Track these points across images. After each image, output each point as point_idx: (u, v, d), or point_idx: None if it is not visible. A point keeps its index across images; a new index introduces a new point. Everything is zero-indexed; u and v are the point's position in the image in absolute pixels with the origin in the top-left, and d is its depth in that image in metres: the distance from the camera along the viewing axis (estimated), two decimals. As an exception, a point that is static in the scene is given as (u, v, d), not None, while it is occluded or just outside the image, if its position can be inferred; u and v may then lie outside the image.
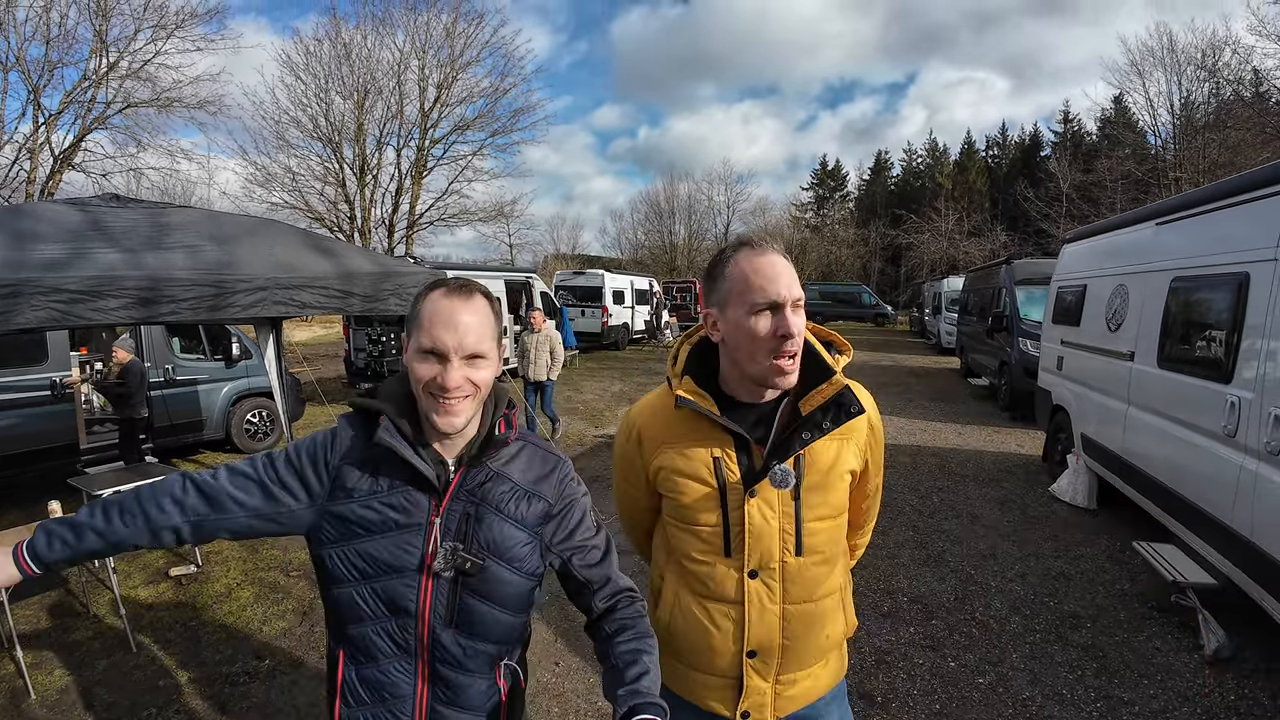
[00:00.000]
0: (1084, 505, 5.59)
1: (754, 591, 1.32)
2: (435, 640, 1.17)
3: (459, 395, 1.10)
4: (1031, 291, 9.67)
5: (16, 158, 16.76)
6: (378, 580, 1.15)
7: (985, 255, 34.59)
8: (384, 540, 1.15)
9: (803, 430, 1.26)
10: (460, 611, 1.18)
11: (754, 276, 1.20)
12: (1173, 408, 4.06)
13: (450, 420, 1.12)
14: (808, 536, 1.31)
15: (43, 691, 3.17)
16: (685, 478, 1.33)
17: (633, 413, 1.48)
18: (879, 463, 1.45)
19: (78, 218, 3.20)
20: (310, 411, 9.27)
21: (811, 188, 56.16)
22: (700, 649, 1.37)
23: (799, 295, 1.22)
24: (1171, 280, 4.24)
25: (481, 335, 1.12)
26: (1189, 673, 3.26)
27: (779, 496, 1.29)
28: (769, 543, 1.30)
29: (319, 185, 24.80)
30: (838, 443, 1.32)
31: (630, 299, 21.16)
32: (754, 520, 1.29)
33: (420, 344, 1.10)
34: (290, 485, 1.19)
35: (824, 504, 1.32)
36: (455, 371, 1.09)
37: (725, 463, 1.30)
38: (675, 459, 1.34)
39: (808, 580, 1.33)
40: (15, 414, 5.73)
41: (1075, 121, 44.24)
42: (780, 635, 1.33)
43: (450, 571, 1.16)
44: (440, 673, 1.19)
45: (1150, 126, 30.00)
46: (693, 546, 1.36)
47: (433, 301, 1.12)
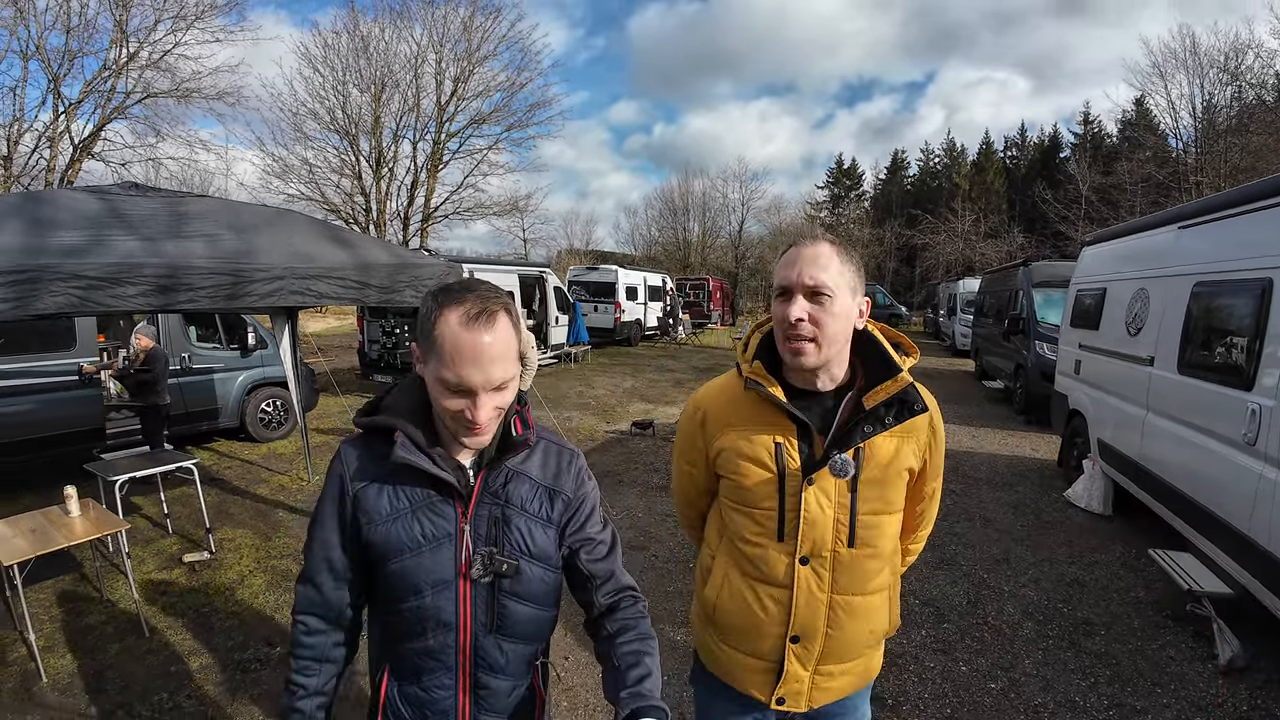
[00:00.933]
0: (1099, 511, 5.53)
1: (804, 578, 1.35)
2: (477, 648, 1.18)
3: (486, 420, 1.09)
4: (1049, 294, 9.56)
5: (36, 146, 16.96)
6: (415, 598, 1.15)
7: (1002, 257, 34.28)
8: (417, 558, 1.14)
9: (865, 423, 1.30)
10: (500, 615, 1.18)
11: (779, 265, 1.31)
12: (1192, 414, 4.00)
13: (481, 440, 1.14)
14: (861, 529, 1.34)
15: (55, 675, 3.20)
16: (746, 460, 1.36)
17: (699, 395, 1.52)
18: (938, 466, 1.45)
19: (97, 205, 3.22)
20: (324, 402, 9.34)
21: (827, 186, 55.90)
22: (744, 629, 1.41)
23: (815, 282, 1.25)
24: (1193, 285, 4.18)
25: (507, 363, 1.08)
26: (1202, 682, 3.22)
27: (836, 486, 1.32)
28: (823, 531, 1.33)
29: (335, 177, 24.96)
30: (898, 440, 1.34)
31: (643, 295, 21.13)
32: (810, 508, 1.32)
33: (444, 378, 1.05)
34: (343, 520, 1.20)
35: (880, 499, 1.35)
36: (485, 405, 1.07)
37: (787, 449, 1.33)
38: (738, 441, 1.38)
39: (858, 572, 1.36)
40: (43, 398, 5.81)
41: (1095, 123, 43.75)
42: (825, 624, 1.36)
43: (489, 577, 1.16)
44: (481, 681, 1.19)
45: (1172, 129, 29.62)
46: (747, 529, 1.39)
47: (453, 333, 1.04)
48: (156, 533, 5.04)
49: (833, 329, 1.26)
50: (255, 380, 7.84)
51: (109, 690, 3.09)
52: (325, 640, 1.23)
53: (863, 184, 55.49)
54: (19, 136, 16.60)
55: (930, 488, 1.47)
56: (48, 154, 16.99)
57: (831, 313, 1.25)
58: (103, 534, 3.45)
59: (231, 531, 5.10)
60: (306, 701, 1.21)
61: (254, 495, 6.02)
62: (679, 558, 4.63)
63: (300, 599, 1.23)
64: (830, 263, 1.26)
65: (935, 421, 1.40)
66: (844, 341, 1.31)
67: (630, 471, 6.83)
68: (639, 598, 1.30)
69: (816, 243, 1.29)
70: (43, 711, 2.93)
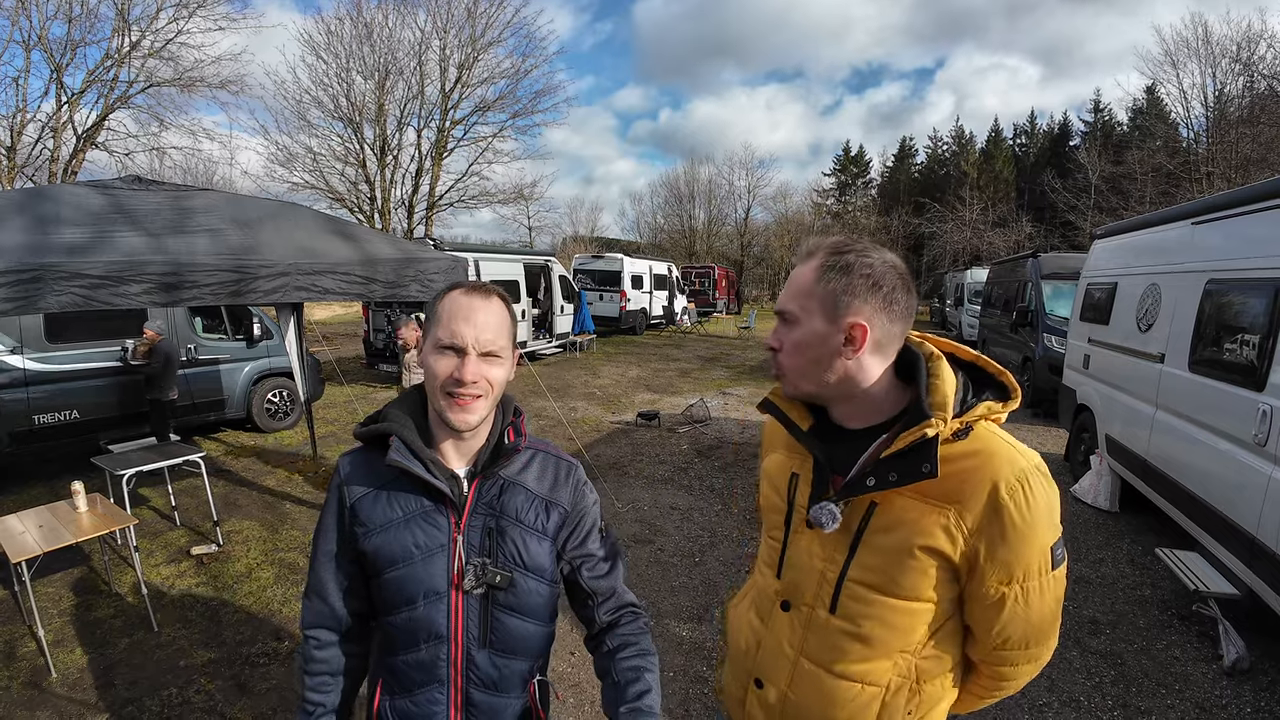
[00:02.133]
0: (1106, 508, 5.50)
1: (779, 624, 1.21)
2: (470, 663, 1.17)
3: (475, 392, 1.10)
4: (1059, 286, 9.49)
5: (40, 136, 16.91)
6: (409, 608, 1.15)
7: (1010, 246, 34.06)
8: (410, 568, 1.14)
9: (871, 475, 1.06)
10: (494, 629, 1.17)
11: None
12: (1202, 413, 3.97)
13: (465, 417, 1.12)
14: (848, 598, 1.11)
15: (64, 670, 3.23)
16: (770, 485, 1.29)
17: None
18: (1007, 567, 1.02)
19: (100, 200, 3.21)
20: (330, 391, 9.36)
21: (834, 174, 55.50)
22: (735, 653, 1.34)
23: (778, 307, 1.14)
24: (1206, 282, 4.13)
25: (498, 332, 1.13)
26: (1207, 683, 3.21)
27: (832, 539, 1.12)
28: (804, 580, 1.17)
29: (340, 165, 24.85)
30: (925, 506, 1.04)
31: (649, 284, 21.08)
32: (797, 551, 1.18)
33: (439, 339, 1.11)
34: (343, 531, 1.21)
35: (879, 571, 1.08)
36: (472, 365, 1.09)
37: (800, 483, 1.20)
38: (771, 465, 1.30)
39: (831, 646, 1.13)
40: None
41: (1106, 111, 43.36)
42: (786, 682, 1.19)
43: (481, 589, 1.15)
44: (474, 698, 1.18)
45: (1183, 119, 29.26)
46: (763, 554, 1.31)
47: (452, 299, 1.13)
48: (164, 525, 5.07)
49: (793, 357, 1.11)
50: (261, 371, 7.87)
51: (118, 685, 3.12)
52: (337, 653, 1.23)
53: (870, 172, 55.12)
54: (22, 127, 16.57)
55: (992, 590, 1.04)
56: (51, 144, 16.96)
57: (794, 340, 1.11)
58: (110, 529, 3.47)
59: (239, 523, 5.13)
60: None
61: (261, 486, 6.05)
62: (685, 551, 4.63)
63: (308, 613, 1.23)
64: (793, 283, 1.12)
65: (1004, 496, 0.99)
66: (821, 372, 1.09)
67: (636, 463, 6.83)
68: (640, 613, 1.30)
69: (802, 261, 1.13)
70: (52, 706, 2.95)
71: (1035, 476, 1.02)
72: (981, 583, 1.04)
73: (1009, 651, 1.11)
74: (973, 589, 1.06)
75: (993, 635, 1.09)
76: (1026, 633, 1.08)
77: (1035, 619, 1.07)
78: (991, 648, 1.11)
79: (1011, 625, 1.06)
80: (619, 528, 5.05)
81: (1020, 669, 1.16)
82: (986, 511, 1.00)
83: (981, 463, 1.02)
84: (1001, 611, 1.05)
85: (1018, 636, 1.08)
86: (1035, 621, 1.07)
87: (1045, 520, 1.02)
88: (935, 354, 1.11)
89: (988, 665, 1.16)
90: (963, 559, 1.03)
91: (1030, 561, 1.02)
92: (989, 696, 1.22)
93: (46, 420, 5.78)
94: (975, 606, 1.08)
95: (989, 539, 1.01)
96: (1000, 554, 1.01)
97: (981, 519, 1.01)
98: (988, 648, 1.12)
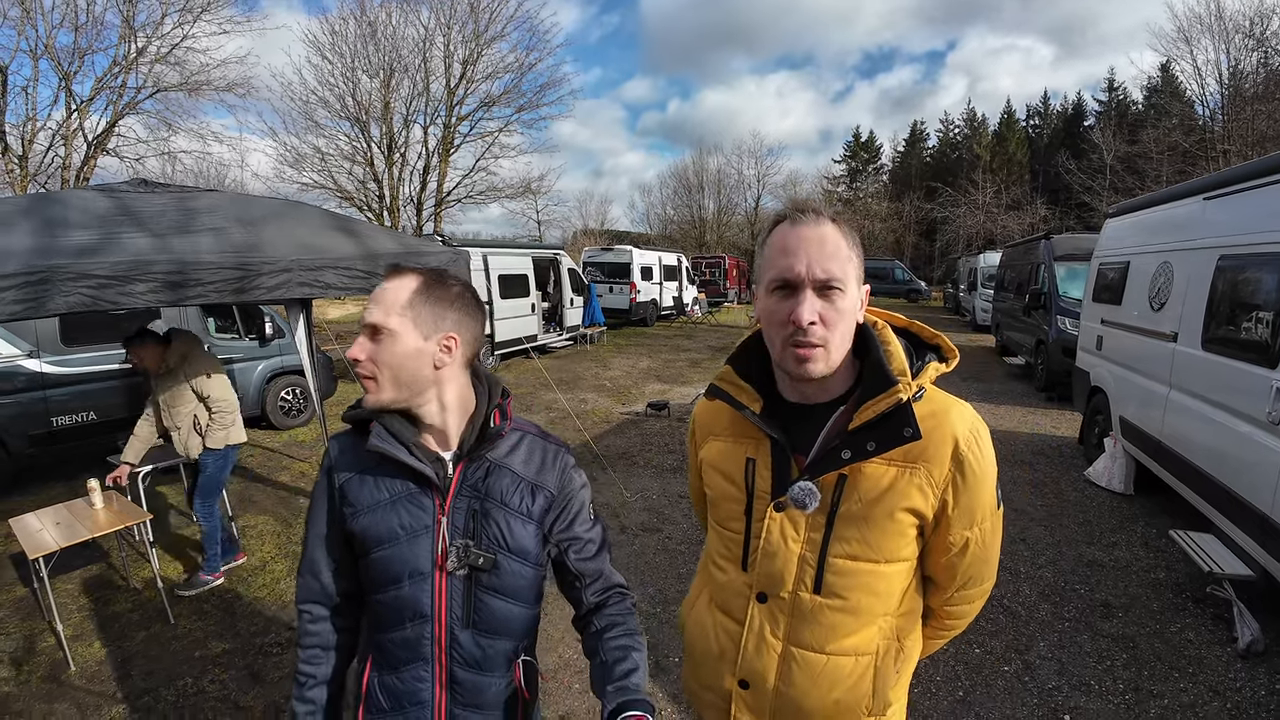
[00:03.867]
0: (1120, 490, 5.45)
1: (757, 617, 1.16)
2: (454, 642, 1.18)
3: (362, 372, 1.15)
4: (1072, 268, 9.37)
5: (51, 144, 17.09)
6: (395, 587, 1.17)
7: (1024, 229, 33.63)
8: (395, 549, 1.17)
9: (844, 448, 1.06)
10: (477, 610, 1.19)
11: (776, 253, 1.04)
12: (1215, 392, 3.91)
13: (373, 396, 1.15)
14: (831, 574, 1.10)
15: (82, 663, 3.29)
16: (718, 475, 1.23)
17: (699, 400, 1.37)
18: (969, 512, 1.09)
19: (106, 203, 3.25)
20: (342, 388, 9.43)
21: (844, 160, 55.06)
22: (702, 657, 1.27)
23: (828, 274, 1.00)
24: (1218, 258, 4.06)
25: (386, 310, 1.14)
26: (1220, 666, 3.18)
27: (807, 519, 1.10)
28: (782, 568, 1.12)
29: (348, 165, 24.91)
30: (898, 470, 1.07)
31: (659, 275, 21.03)
32: (771, 538, 1.13)
33: None
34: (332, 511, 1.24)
35: (860, 540, 1.09)
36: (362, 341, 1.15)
37: (758, 467, 1.15)
38: (715, 453, 1.24)
39: (822, 625, 1.12)
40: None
41: (1120, 90, 42.65)
42: (775, 676, 1.15)
43: (464, 570, 1.17)
44: (458, 676, 1.20)
45: (1198, 96, 28.69)
46: (717, 549, 1.25)
47: None
48: (181, 520, 5.15)
49: (843, 329, 1.04)
50: (274, 369, 7.95)
51: (134, 676, 3.18)
52: (329, 627, 1.26)
53: (880, 157, 54.62)
54: (33, 135, 16.74)
55: (957, 537, 1.11)
56: (63, 152, 17.13)
57: (840, 309, 1.03)
58: (125, 525, 3.53)
59: (254, 518, 5.20)
60: (317, 690, 1.25)
61: (275, 482, 6.13)
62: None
63: (301, 589, 1.27)
64: (839, 248, 1.02)
65: (964, 450, 1.06)
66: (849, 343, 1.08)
67: (645, 453, 6.84)
68: (627, 594, 1.32)
69: (820, 221, 1.03)
70: (71, 699, 3.02)
71: (981, 426, 1.10)
72: (948, 532, 1.11)
73: (968, 590, 1.20)
74: (938, 540, 1.13)
75: (957, 580, 1.17)
76: (983, 571, 1.18)
77: (990, 557, 1.17)
78: (955, 590, 1.20)
79: (973, 567, 1.16)
80: (628, 516, 5.07)
81: (974, 605, 1.25)
82: (952, 465, 1.06)
83: (939, 421, 1.07)
84: (965, 556, 1.13)
85: (976, 576, 1.18)
86: (989, 559, 1.18)
87: (991, 465, 1.10)
88: (881, 324, 1.15)
89: (947, 608, 1.24)
90: (933, 514, 1.09)
91: (986, 504, 1.11)
92: (944, 637, 1.31)
93: (64, 422, 5.88)
94: (940, 556, 1.15)
95: (954, 490, 1.07)
96: (964, 502, 1.08)
97: (948, 473, 1.06)
98: (950, 592, 1.20)
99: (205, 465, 3.98)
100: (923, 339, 1.18)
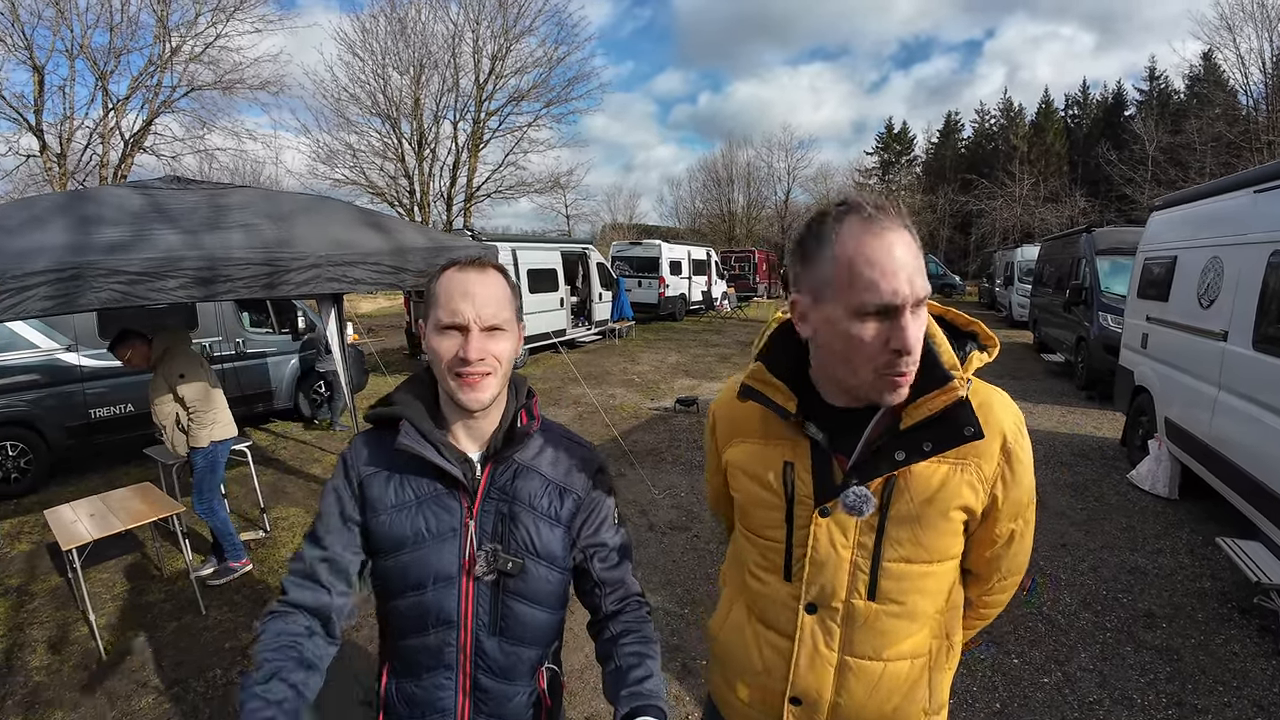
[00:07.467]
0: (1164, 494, 5.25)
1: (809, 630, 1.09)
2: (479, 649, 1.15)
3: (482, 369, 1.08)
4: (1116, 262, 9.06)
5: (88, 142, 17.57)
6: (418, 592, 1.13)
7: (1063, 222, 32.80)
8: (420, 552, 1.13)
9: (896, 449, 0.99)
10: (504, 616, 1.15)
11: (864, 267, 0.88)
12: (1267, 394, 3.73)
13: (477, 395, 1.09)
14: (886, 579, 1.05)
15: (114, 653, 3.36)
16: (751, 480, 1.13)
17: (719, 394, 1.28)
18: (1016, 504, 1.06)
19: (139, 200, 3.29)
20: (373, 382, 9.54)
21: (876, 152, 54.18)
22: (744, 674, 1.19)
23: (923, 291, 0.90)
24: (1271, 254, 3.87)
25: (500, 305, 1.10)
26: (1266, 680, 3.03)
27: (857, 524, 1.04)
28: (834, 576, 1.06)
29: (379, 160, 25.27)
30: (948, 468, 1.01)
31: (687, 269, 20.93)
32: (820, 546, 1.05)
33: (439, 320, 1.09)
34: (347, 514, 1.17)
35: (914, 542, 1.03)
36: (475, 341, 1.07)
37: (797, 471, 1.07)
38: (744, 456, 1.14)
39: (878, 632, 1.07)
40: None
41: (1162, 79, 41.15)
42: (832, 690, 1.09)
43: (493, 575, 1.13)
44: (483, 684, 1.16)
45: (1241, 86, 27.73)
46: (753, 559, 1.16)
47: (448, 278, 1.10)
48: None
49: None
50: (307, 363, 8.06)
51: (165, 666, 3.23)
52: None
53: (914, 149, 53.58)
54: (71, 134, 17.24)
55: (1003, 531, 1.08)
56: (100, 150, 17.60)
57: (923, 323, 0.94)
58: (159, 517, 3.59)
59: (286, 510, 5.28)
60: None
61: (307, 474, 6.21)
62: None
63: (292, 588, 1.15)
64: (919, 249, 0.93)
65: (1011, 443, 1.02)
66: None
67: (674, 449, 6.79)
68: (644, 603, 1.28)
69: (902, 227, 0.90)
70: (102, 688, 3.08)
71: (1020, 415, 1.07)
72: (995, 525, 1.07)
73: (1008, 580, 1.18)
74: (984, 533, 1.09)
75: (1001, 571, 1.15)
76: (1024, 561, 1.16)
77: (1029, 546, 1.15)
78: (996, 581, 1.17)
79: (1017, 557, 1.14)
80: (656, 514, 5.03)
81: (1009, 594, 1.22)
82: (1001, 459, 1.02)
83: (986, 415, 1.01)
84: (1010, 547, 1.11)
85: (1018, 566, 1.16)
86: (1029, 547, 1.16)
87: (1030, 454, 1.07)
88: None
89: (985, 598, 1.21)
90: (982, 509, 1.05)
91: (1029, 494, 1.08)
92: (979, 627, 1.28)
93: (102, 414, 6.03)
94: (985, 549, 1.11)
95: (1004, 484, 1.03)
96: (1013, 495, 1.04)
97: (998, 467, 1.02)
98: (992, 583, 1.18)
99: (195, 464, 3.99)
100: (958, 326, 1.10)
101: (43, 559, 4.46)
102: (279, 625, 1.09)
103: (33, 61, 16.27)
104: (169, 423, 3.96)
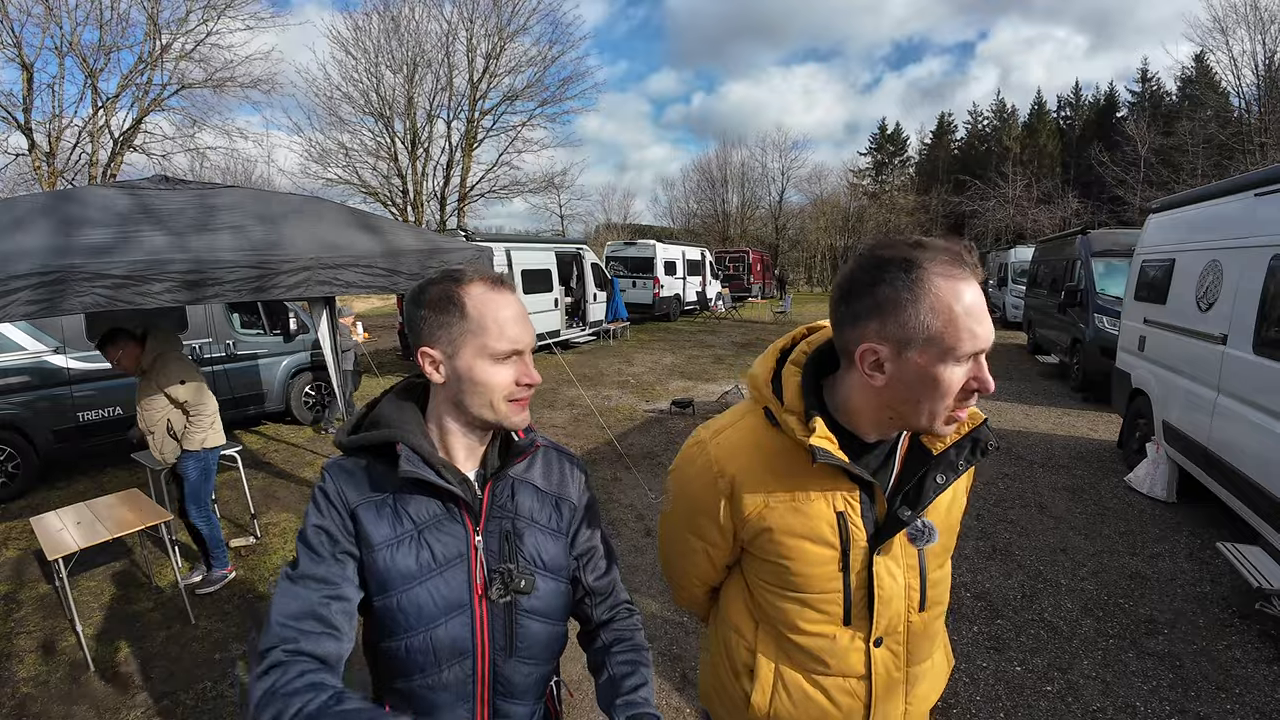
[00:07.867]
0: (1162, 498, 5.23)
1: (880, 662, 1.12)
2: (496, 674, 1.10)
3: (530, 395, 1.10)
4: (1111, 264, 9.07)
5: (78, 141, 17.39)
6: (429, 627, 1.04)
7: (1055, 223, 32.92)
8: (425, 585, 1.04)
9: (936, 472, 1.06)
10: (520, 636, 1.11)
11: (965, 316, 0.89)
12: (1267, 398, 3.71)
13: (525, 415, 1.11)
14: (931, 588, 1.14)
15: (102, 664, 3.28)
16: (801, 539, 1.07)
17: (714, 451, 1.13)
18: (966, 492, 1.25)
19: (126, 201, 3.22)
20: (366, 383, 9.47)
21: (870, 153, 54.31)
22: None
23: None
24: (1271, 258, 3.85)
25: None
26: (1268, 686, 3.01)
27: (904, 551, 1.10)
28: (898, 605, 1.11)
29: (372, 160, 25.15)
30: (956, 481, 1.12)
31: (682, 270, 20.90)
32: (884, 583, 1.08)
33: (495, 350, 1.04)
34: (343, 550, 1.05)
35: (942, 548, 1.14)
36: (531, 363, 1.09)
37: (850, 517, 1.06)
38: (788, 517, 1.07)
39: (929, 636, 1.17)
40: None
41: (1154, 81, 41.45)
42: (904, 701, 1.18)
43: (509, 596, 1.08)
44: (500, 709, 1.12)
45: (1234, 88, 27.96)
46: (802, 617, 1.11)
47: (485, 301, 1.05)
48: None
49: None
50: (299, 365, 7.98)
51: (154, 678, 3.16)
52: None
53: (907, 150, 53.74)
54: (60, 132, 17.07)
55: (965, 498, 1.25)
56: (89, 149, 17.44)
57: None
58: (147, 525, 3.51)
59: (277, 515, 5.20)
60: None
61: (299, 478, 6.13)
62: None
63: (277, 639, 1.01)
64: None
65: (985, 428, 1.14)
66: None
67: (670, 452, 6.74)
68: (634, 611, 1.28)
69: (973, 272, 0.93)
70: (89, 700, 3.00)
71: None
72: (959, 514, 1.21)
73: None
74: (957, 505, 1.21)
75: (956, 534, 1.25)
76: None
77: None
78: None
79: None
80: (652, 519, 4.98)
81: None
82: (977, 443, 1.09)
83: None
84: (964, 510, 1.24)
85: None
86: None
87: None
88: None
89: None
90: None
91: None
92: None
93: (90, 417, 5.94)
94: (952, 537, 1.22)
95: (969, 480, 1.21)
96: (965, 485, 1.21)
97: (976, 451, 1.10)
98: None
99: (187, 473, 3.86)
100: None
101: (30, 565, 4.38)
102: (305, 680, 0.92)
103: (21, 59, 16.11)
104: (159, 430, 3.86)
